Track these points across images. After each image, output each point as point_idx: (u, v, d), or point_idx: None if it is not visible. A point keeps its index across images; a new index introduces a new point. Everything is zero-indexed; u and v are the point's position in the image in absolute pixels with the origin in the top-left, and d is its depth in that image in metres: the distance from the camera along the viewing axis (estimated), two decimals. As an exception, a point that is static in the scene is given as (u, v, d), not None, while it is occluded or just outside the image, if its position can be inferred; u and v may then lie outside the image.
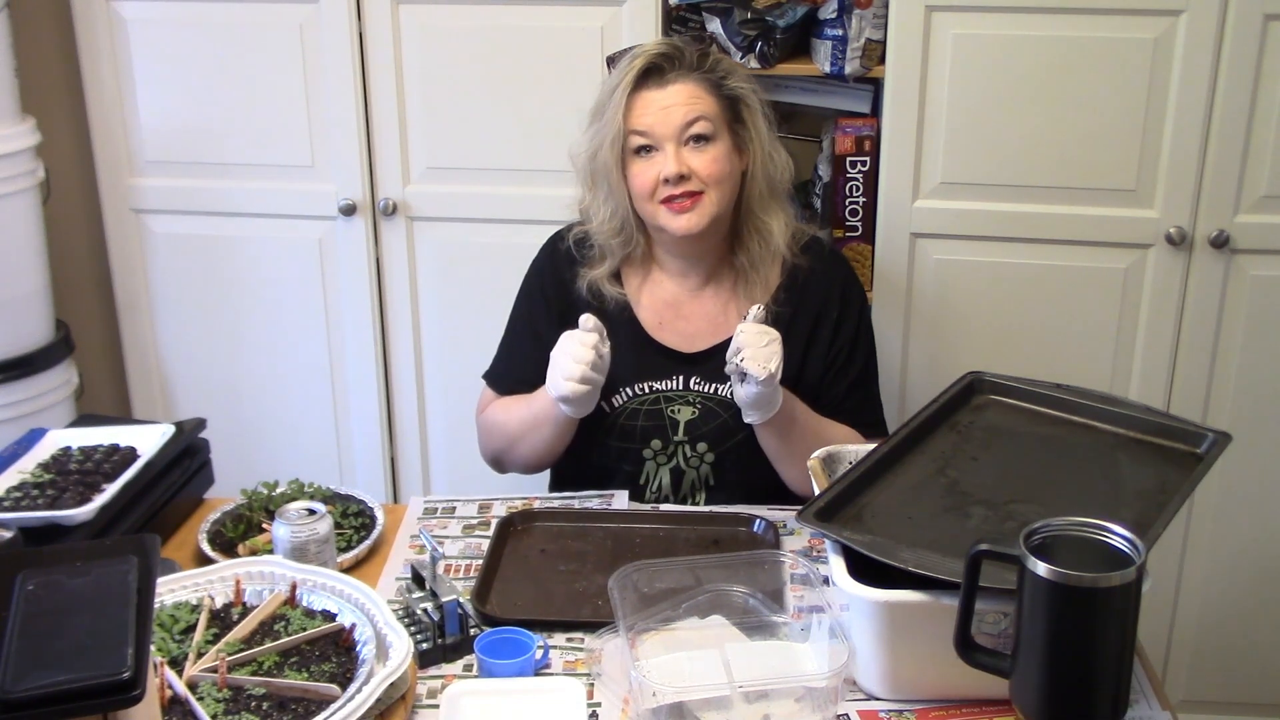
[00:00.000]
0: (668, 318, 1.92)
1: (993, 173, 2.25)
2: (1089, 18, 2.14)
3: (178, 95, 2.48)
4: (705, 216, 1.80)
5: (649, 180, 1.80)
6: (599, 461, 1.93)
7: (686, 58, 1.82)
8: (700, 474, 1.91)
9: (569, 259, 1.93)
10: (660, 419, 1.90)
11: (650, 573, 1.54)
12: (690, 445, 1.90)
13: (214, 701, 1.32)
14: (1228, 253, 2.22)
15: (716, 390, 1.89)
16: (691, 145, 1.79)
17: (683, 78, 1.81)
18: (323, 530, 1.58)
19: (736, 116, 1.84)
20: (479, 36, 2.35)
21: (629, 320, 1.91)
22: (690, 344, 1.91)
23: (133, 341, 2.67)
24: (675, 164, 1.78)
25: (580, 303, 1.90)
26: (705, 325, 1.91)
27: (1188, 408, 2.30)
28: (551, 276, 1.95)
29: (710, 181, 1.79)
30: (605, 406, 1.89)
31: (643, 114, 1.80)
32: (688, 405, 1.89)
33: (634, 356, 1.89)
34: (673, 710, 1.35)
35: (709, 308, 1.92)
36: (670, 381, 1.90)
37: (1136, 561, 1.19)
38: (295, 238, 2.54)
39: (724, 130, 1.82)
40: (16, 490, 1.65)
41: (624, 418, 1.90)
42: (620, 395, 1.90)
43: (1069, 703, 1.23)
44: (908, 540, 1.40)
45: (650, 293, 1.93)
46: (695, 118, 1.79)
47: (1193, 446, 1.56)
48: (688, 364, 1.90)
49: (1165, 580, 2.43)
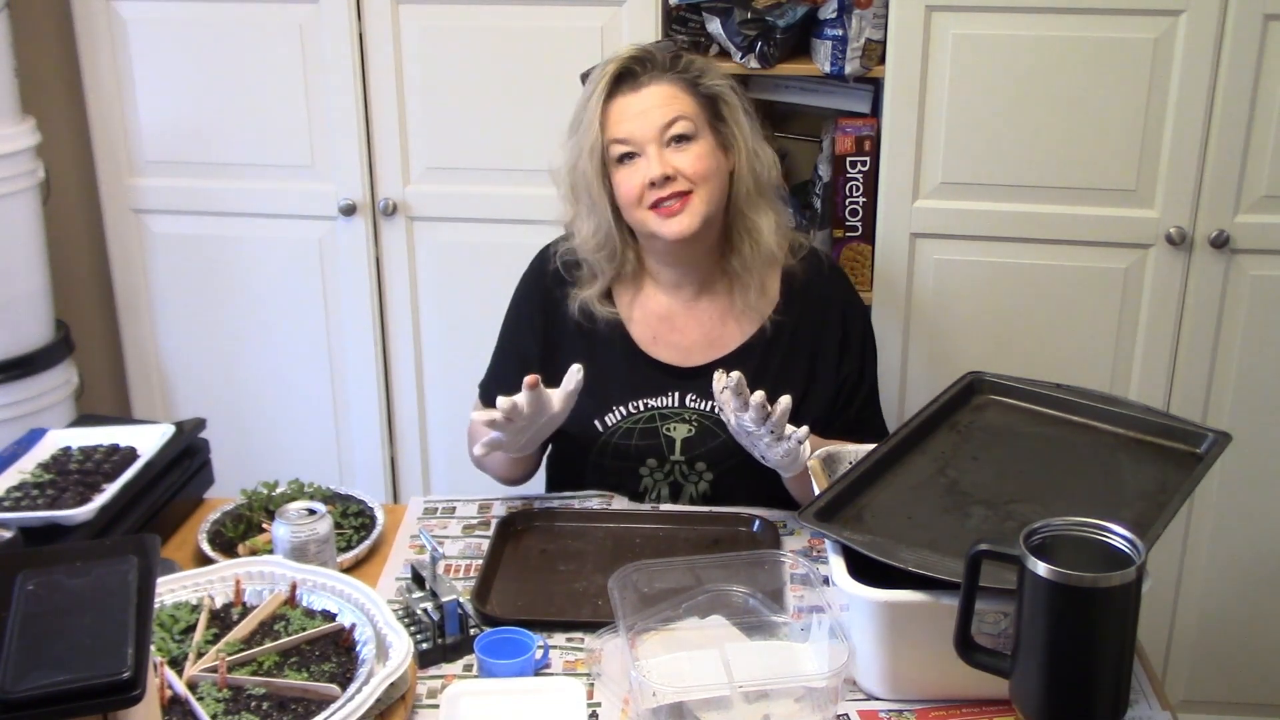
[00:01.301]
0: (661, 332, 1.88)
1: (993, 173, 2.25)
2: (1089, 18, 2.14)
3: (178, 95, 2.48)
4: (696, 216, 1.76)
5: (635, 187, 1.76)
6: (594, 481, 1.89)
7: (658, 60, 1.79)
8: (699, 490, 1.88)
9: (558, 280, 1.89)
10: (655, 437, 1.86)
11: (650, 573, 1.54)
12: (688, 465, 1.86)
13: (214, 701, 1.32)
14: (1228, 253, 2.22)
15: (714, 409, 1.82)
16: (674, 146, 1.76)
17: (656, 79, 1.78)
18: (323, 530, 1.58)
19: (717, 114, 1.81)
20: (479, 36, 2.35)
21: (621, 337, 1.87)
22: (686, 358, 1.87)
23: (133, 341, 2.67)
24: (659, 165, 1.74)
25: (570, 323, 1.87)
26: (700, 338, 1.87)
27: (1188, 408, 2.30)
28: (540, 297, 1.91)
29: (697, 179, 1.75)
30: (598, 426, 1.86)
31: (620, 121, 1.77)
32: (684, 423, 1.85)
33: (626, 373, 1.86)
34: (673, 710, 1.35)
35: (704, 320, 1.88)
36: (665, 398, 1.86)
37: (1136, 561, 1.19)
38: (295, 238, 2.54)
39: (705, 129, 1.78)
40: (16, 490, 1.65)
41: (618, 437, 1.86)
42: (613, 414, 1.86)
43: (1069, 703, 1.23)
44: (908, 540, 1.40)
45: (642, 307, 1.89)
46: (674, 117, 1.76)
47: (1193, 446, 1.56)
48: (683, 379, 1.86)
49: (1165, 580, 2.43)
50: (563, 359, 1.80)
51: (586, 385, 1.72)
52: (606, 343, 1.86)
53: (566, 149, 1.84)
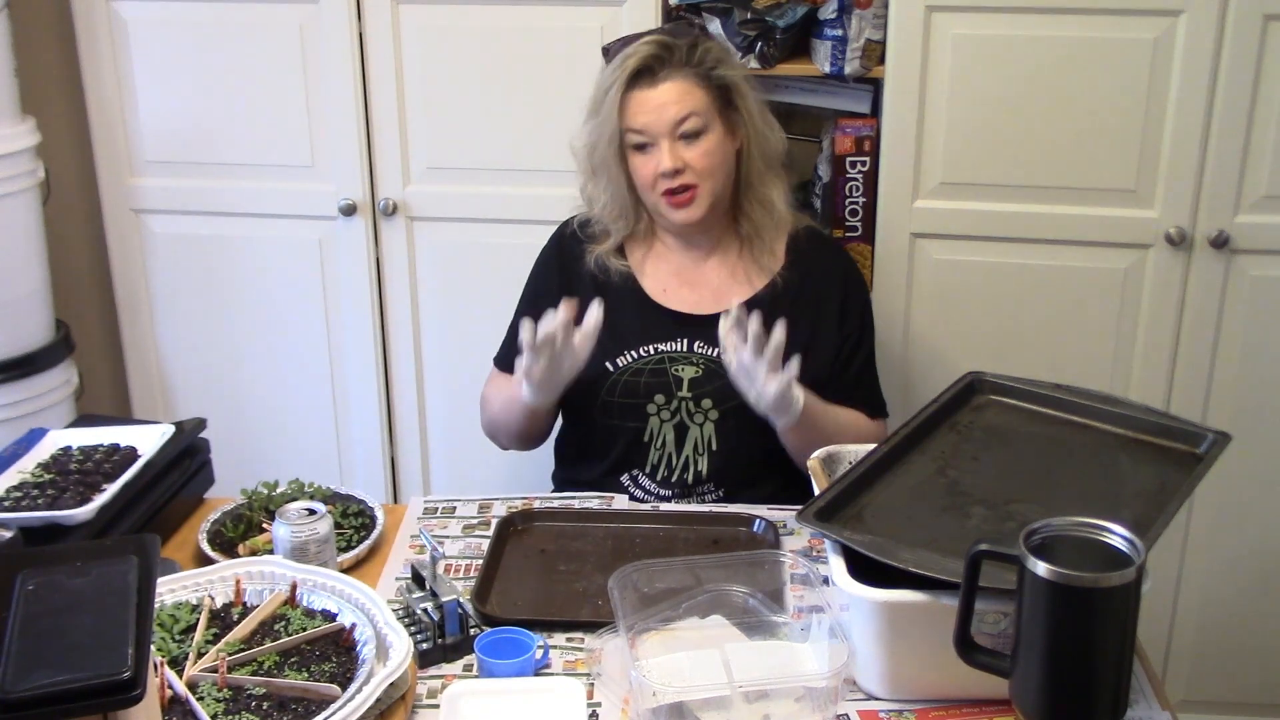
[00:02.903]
0: (672, 285, 1.98)
1: (993, 173, 2.25)
2: (1089, 18, 2.14)
3: (178, 95, 2.48)
4: (702, 207, 1.90)
5: (648, 174, 1.89)
6: (602, 421, 1.96)
7: (676, 54, 1.88)
8: (704, 433, 1.94)
9: (575, 239, 2.01)
10: (664, 377, 1.94)
11: (650, 573, 1.54)
12: (694, 401, 1.94)
13: (214, 701, 1.32)
14: (1228, 253, 2.22)
15: (719, 354, 1.90)
16: (684, 140, 1.87)
17: (673, 75, 1.87)
18: (323, 530, 1.58)
19: (728, 102, 1.91)
20: (479, 36, 2.35)
21: (633, 289, 1.98)
22: (695, 308, 1.96)
23: (133, 341, 2.67)
24: (670, 159, 1.86)
25: (586, 277, 1.97)
26: (710, 293, 1.97)
27: (1188, 408, 2.30)
28: (558, 256, 2.02)
29: (703, 174, 1.88)
30: (609, 366, 1.94)
31: (637, 113, 1.87)
32: (691, 365, 1.94)
33: (638, 320, 1.96)
34: (673, 710, 1.35)
35: (714, 276, 1.98)
36: (674, 344, 1.95)
37: (1136, 561, 1.19)
38: (295, 238, 2.54)
39: (715, 119, 1.89)
40: (16, 490, 1.65)
41: (628, 375, 1.94)
42: (625, 357, 1.95)
43: (1069, 703, 1.23)
44: (908, 540, 1.40)
45: (654, 263, 2.00)
46: (686, 114, 1.86)
47: (1193, 446, 1.56)
48: (691, 326, 1.95)
49: (1165, 580, 2.43)
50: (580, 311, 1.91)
51: (601, 330, 1.83)
52: (620, 293, 1.96)
53: (586, 130, 1.95)
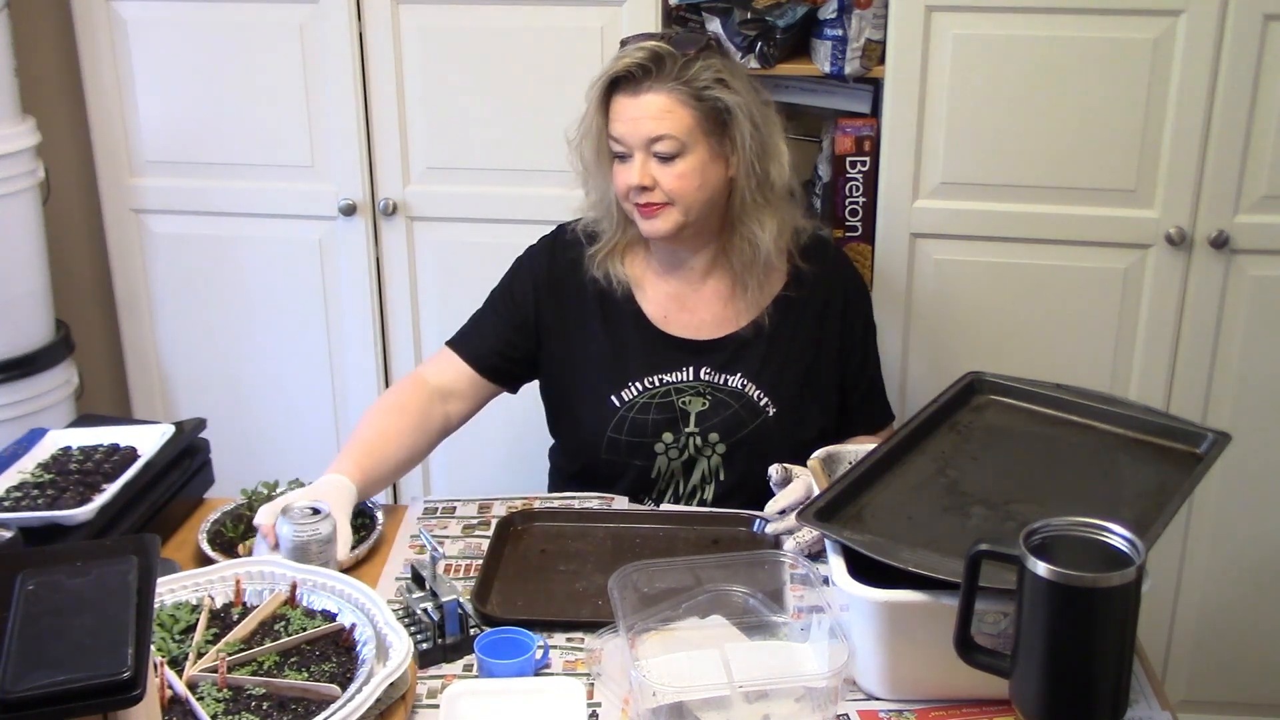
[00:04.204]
0: (672, 310, 1.93)
1: (993, 173, 2.25)
2: (1089, 18, 2.14)
3: (178, 95, 2.48)
4: (670, 224, 1.82)
5: (621, 184, 1.83)
6: (608, 457, 1.92)
7: (666, 67, 1.76)
8: (711, 464, 1.92)
9: (575, 244, 1.94)
10: (671, 411, 1.90)
11: (650, 573, 1.54)
12: (701, 437, 1.90)
13: (214, 701, 1.32)
14: (1228, 253, 2.22)
15: (726, 381, 1.90)
16: (658, 160, 1.79)
17: (656, 89, 1.77)
18: (325, 530, 1.58)
19: (721, 126, 1.80)
20: (479, 36, 2.35)
21: (634, 313, 1.92)
22: (696, 334, 1.93)
23: (133, 341, 2.67)
24: (639, 176, 1.79)
25: (588, 286, 1.91)
26: (710, 317, 1.93)
27: (1188, 408, 2.30)
28: (548, 270, 1.94)
29: (675, 195, 1.79)
30: (615, 401, 1.90)
31: (616, 120, 1.80)
32: (698, 396, 1.90)
33: (642, 349, 1.91)
34: (673, 710, 1.35)
35: (713, 300, 1.93)
36: (680, 373, 1.91)
37: (1136, 561, 1.19)
38: (295, 238, 2.54)
39: (699, 142, 1.79)
40: (16, 490, 1.65)
41: (635, 411, 1.90)
42: (630, 390, 1.90)
43: (1069, 703, 1.23)
44: (908, 540, 1.40)
45: (654, 285, 1.94)
46: (661, 135, 1.77)
47: (1193, 446, 1.56)
48: (696, 354, 1.91)
49: (1165, 580, 2.43)
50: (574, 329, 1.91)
51: (604, 361, 1.84)
52: (621, 317, 1.92)
53: (579, 124, 1.88)
